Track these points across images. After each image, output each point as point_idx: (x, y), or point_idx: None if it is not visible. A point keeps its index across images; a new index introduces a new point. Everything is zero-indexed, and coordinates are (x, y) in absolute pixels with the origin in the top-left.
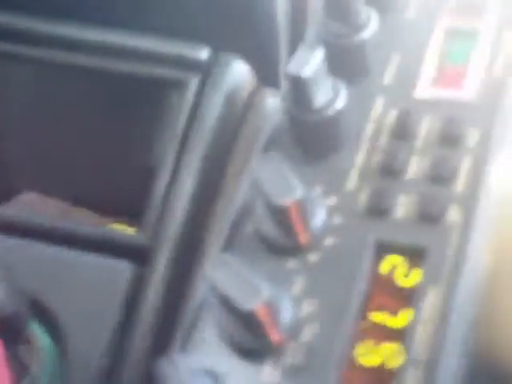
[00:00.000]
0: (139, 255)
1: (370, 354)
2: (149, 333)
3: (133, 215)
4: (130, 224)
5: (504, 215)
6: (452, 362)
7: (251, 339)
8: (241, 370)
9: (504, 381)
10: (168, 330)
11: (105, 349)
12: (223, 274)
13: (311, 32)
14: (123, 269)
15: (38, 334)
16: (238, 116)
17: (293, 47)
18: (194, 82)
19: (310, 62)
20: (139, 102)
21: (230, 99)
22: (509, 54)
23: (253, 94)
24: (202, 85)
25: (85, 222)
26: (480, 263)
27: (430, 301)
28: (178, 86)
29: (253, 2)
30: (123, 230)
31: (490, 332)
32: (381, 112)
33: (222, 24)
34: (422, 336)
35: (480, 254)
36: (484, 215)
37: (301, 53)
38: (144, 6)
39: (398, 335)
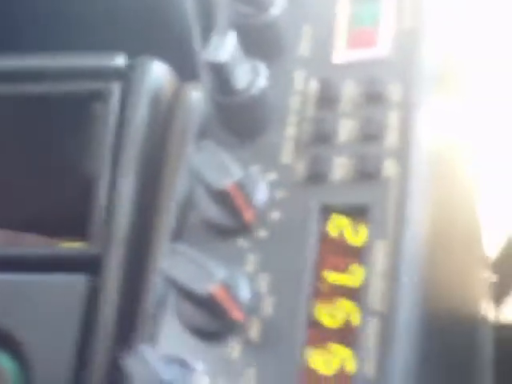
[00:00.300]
0: (91, 266)
1: (331, 314)
2: (111, 339)
3: (81, 232)
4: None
5: (438, 171)
6: (407, 313)
7: (214, 322)
8: (208, 352)
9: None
10: (130, 332)
11: (69, 364)
12: (175, 263)
13: (221, 17)
14: (77, 282)
15: (3, 362)
16: (164, 115)
17: (205, 37)
18: (115, 90)
19: (225, 47)
20: (67, 120)
21: (154, 100)
22: (414, 4)
23: (175, 91)
24: (124, 91)
25: (34, 245)
26: (421, 213)
27: (379, 255)
28: (101, 96)
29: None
30: (71, 245)
31: (437, 283)
32: (302, 84)
33: (133, 28)
34: (375, 290)
35: (420, 203)
36: (418, 166)
37: (214, 39)
38: (54, 26)
39: (354, 292)
